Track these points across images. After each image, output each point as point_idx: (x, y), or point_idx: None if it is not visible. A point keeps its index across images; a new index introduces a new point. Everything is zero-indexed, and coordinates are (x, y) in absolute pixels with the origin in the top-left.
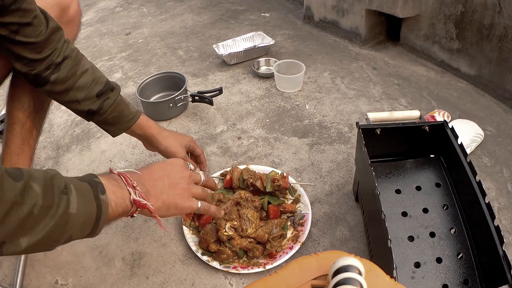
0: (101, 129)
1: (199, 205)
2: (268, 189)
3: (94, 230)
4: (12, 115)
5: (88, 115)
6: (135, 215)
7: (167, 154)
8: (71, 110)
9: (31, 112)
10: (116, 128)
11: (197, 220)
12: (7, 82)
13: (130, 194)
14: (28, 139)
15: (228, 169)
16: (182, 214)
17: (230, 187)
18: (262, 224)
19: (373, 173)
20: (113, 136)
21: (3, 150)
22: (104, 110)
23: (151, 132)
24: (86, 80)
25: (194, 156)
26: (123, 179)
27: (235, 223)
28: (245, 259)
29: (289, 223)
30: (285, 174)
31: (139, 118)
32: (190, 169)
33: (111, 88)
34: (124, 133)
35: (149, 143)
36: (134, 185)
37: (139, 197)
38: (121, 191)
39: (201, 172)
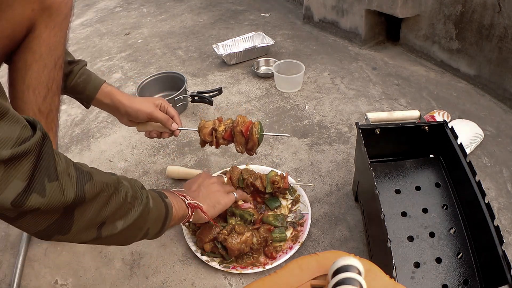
0: (101, 129)
1: (236, 195)
2: (268, 189)
3: (162, 228)
4: None
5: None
6: (191, 220)
7: (136, 114)
8: None
9: (39, 119)
10: (87, 94)
11: None
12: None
13: (184, 201)
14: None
15: (227, 169)
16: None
17: None
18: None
19: (373, 173)
20: (87, 107)
21: None
22: (75, 73)
23: (117, 98)
24: None
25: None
26: (174, 192)
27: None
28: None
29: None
30: (284, 174)
31: (105, 85)
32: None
33: (79, 59)
34: (97, 107)
35: (118, 109)
36: (184, 194)
37: (191, 200)
38: (177, 199)
39: (222, 175)
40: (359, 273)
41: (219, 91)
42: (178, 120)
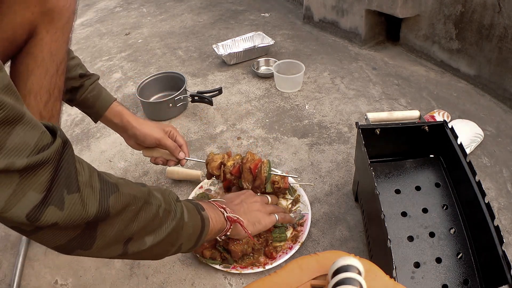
0: (101, 129)
1: (277, 217)
2: (268, 189)
3: (197, 242)
4: None
5: (71, 94)
6: (228, 233)
7: (144, 138)
8: None
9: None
10: (96, 110)
11: None
12: None
13: (223, 213)
14: None
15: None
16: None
17: (228, 187)
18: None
19: (373, 173)
20: (95, 121)
21: None
22: (85, 88)
23: (127, 119)
24: (72, 64)
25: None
26: (213, 203)
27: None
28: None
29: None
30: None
31: (116, 104)
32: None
33: (92, 73)
34: (104, 124)
35: (126, 131)
36: (224, 206)
37: (231, 214)
38: (216, 211)
39: (265, 195)
40: (359, 273)
41: (219, 91)
42: (186, 150)
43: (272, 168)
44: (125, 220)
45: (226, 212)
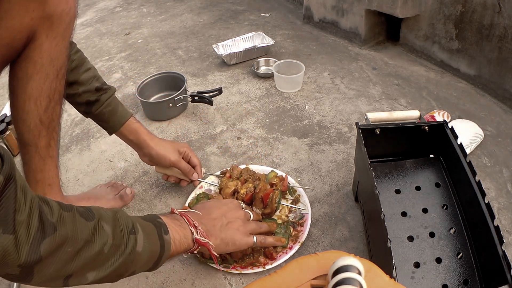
0: (101, 129)
1: (255, 239)
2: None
3: (155, 266)
4: (21, 138)
5: (86, 107)
6: (195, 252)
7: (159, 159)
8: (71, 103)
9: (40, 130)
10: (111, 125)
11: None
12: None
13: (192, 233)
14: (48, 153)
15: (228, 169)
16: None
17: None
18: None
19: (373, 173)
20: (110, 134)
21: (23, 168)
22: (101, 102)
23: (143, 138)
24: (88, 76)
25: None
26: (185, 219)
27: None
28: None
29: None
30: (283, 176)
31: (132, 121)
32: (242, 208)
33: (108, 86)
34: (120, 138)
35: (142, 149)
36: (195, 224)
37: (201, 236)
38: (184, 231)
39: (248, 210)
40: (359, 273)
41: (219, 91)
42: (200, 170)
43: (281, 203)
44: (62, 261)
45: (196, 234)
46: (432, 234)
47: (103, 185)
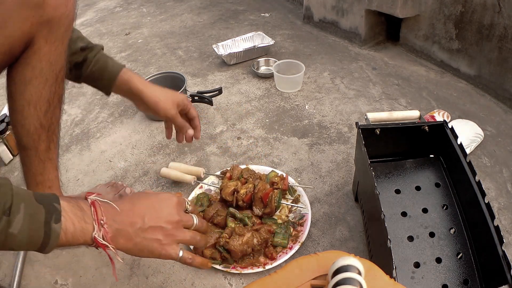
0: (101, 129)
1: (181, 254)
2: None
3: (42, 250)
4: (20, 142)
5: (76, 70)
6: (98, 248)
7: (157, 111)
8: None
9: (40, 133)
10: (104, 83)
11: None
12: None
13: (93, 229)
14: (48, 156)
15: (228, 169)
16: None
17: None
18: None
19: (373, 173)
20: (107, 94)
21: (23, 170)
22: (89, 61)
23: (137, 87)
24: (72, 37)
25: (188, 118)
26: (93, 211)
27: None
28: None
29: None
30: (284, 175)
31: (124, 71)
32: (186, 209)
33: (94, 44)
34: (117, 95)
35: (137, 98)
36: (102, 222)
37: (102, 237)
38: (82, 224)
39: (194, 216)
40: (359, 273)
41: (219, 91)
42: (198, 122)
43: (281, 202)
44: None
45: (98, 232)
46: (432, 234)
47: (103, 184)
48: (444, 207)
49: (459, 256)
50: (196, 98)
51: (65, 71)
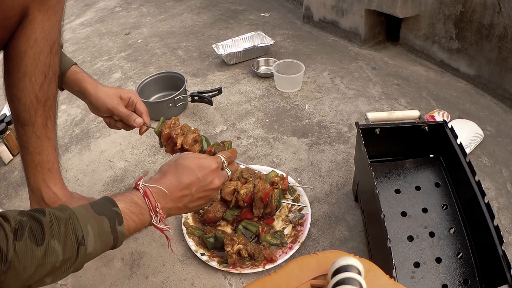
0: (101, 129)
1: (229, 173)
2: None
3: (112, 249)
4: (17, 118)
5: None
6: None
7: (97, 105)
8: None
9: (37, 108)
10: None
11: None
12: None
13: (151, 218)
14: (45, 133)
15: None
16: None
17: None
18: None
19: (373, 173)
20: (60, 89)
21: (21, 153)
22: None
23: (85, 86)
24: None
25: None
26: (147, 201)
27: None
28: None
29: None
30: (284, 175)
31: (76, 71)
32: (223, 165)
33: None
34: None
35: (85, 98)
36: (157, 209)
37: (160, 221)
38: (141, 218)
39: (226, 169)
40: (359, 273)
41: (219, 91)
42: (147, 118)
43: (281, 201)
44: (17, 284)
45: (156, 219)
46: (432, 234)
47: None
48: (444, 207)
49: (459, 256)
50: (196, 98)
51: (59, 45)
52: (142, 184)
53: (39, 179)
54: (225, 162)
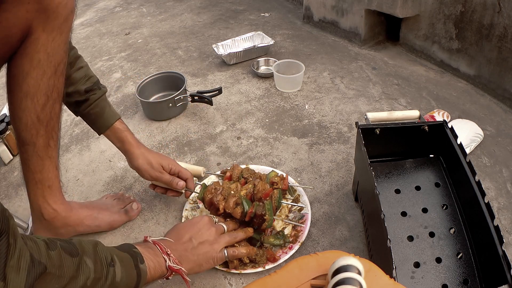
0: None
1: (226, 253)
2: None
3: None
4: (18, 137)
5: (76, 106)
6: (170, 277)
7: (140, 173)
8: None
9: (38, 128)
10: (98, 127)
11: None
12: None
13: (165, 260)
14: (47, 153)
15: (228, 168)
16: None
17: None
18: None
19: (373, 173)
20: (98, 134)
21: (22, 168)
22: (89, 103)
23: (128, 148)
24: (79, 75)
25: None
26: (158, 247)
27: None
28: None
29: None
30: (284, 175)
31: (119, 128)
32: (215, 222)
33: (99, 87)
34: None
35: (127, 158)
36: (168, 252)
37: (173, 263)
38: (157, 259)
39: (221, 223)
40: (359, 273)
41: (219, 91)
42: (192, 183)
43: (281, 201)
44: None
45: (169, 261)
46: (432, 234)
47: (110, 195)
48: (444, 207)
49: (459, 256)
50: (196, 98)
51: (65, 66)
52: (150, 239)
53: (39, 196)
54: (215, 218)
